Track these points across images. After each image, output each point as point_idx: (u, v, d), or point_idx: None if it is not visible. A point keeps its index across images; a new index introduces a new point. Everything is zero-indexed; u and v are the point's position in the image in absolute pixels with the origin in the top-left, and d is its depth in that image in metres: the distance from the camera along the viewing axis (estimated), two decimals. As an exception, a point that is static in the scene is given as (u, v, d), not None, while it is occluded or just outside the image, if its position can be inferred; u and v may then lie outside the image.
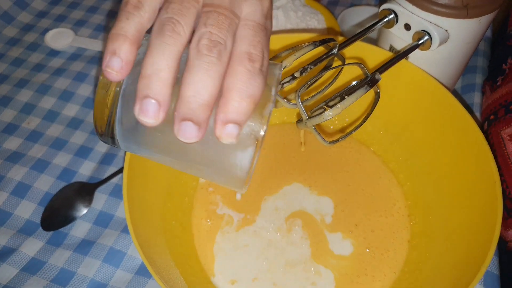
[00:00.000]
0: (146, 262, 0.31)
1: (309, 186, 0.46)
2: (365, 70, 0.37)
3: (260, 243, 0.42)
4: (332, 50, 0.38)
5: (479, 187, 0.37)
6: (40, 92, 0.57)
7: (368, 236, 0.43)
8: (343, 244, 0.42)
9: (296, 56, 0.35)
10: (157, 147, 0.27)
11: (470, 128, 0.39)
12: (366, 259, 0.41)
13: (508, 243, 0.47)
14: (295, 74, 0.36)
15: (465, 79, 0.55)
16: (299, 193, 0.46)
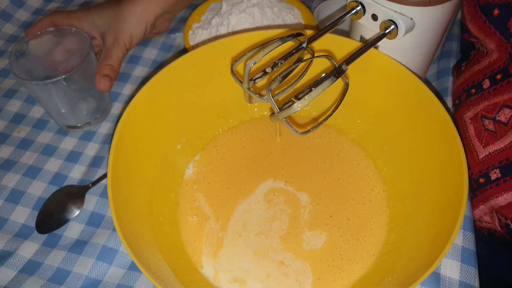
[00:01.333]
0: (132, 255, 0.33)
1: (284, 181, 0.48)
2: (332, 61, 0.38)
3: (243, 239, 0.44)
4: (301, 44, 0.40)
5: (448, 167, 0.39)
6: (29, 102, 0.58)
7: (343, 225, 0.44)
8: (317, 238, 0.44)
9: (265, 52, 0.37)
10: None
11: (438, 112, 0.40)
12: (340, 245, 0.43)
13: (475, 221, 0.49)
14: (267, 69, 0.38)
15: (441, 64, 0.57)
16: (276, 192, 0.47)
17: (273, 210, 0.45)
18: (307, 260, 0.42)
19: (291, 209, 0.45)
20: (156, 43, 0.63)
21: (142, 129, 0.43)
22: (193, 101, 0.49)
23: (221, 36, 0.56)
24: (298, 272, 0.41)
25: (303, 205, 0.46)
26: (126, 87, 0.59)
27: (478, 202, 0.47)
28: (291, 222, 0.44)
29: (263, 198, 0.46)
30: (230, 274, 0.42)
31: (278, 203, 0.46)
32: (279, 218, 0.45)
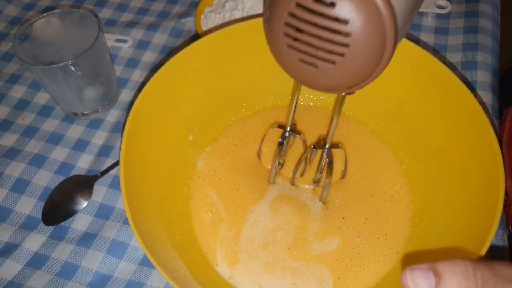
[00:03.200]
0: (148, 254, 0.31)
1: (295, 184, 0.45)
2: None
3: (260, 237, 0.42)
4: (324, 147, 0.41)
5: (479, 160, 0.37)
6: (34, 88, 0.56)
7: (359, 225, 0.42)
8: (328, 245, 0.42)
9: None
10: None
11: (467, 102, 0.38)
12: (357, 245, 0.41)
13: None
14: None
15: (465, 56, 0.54)
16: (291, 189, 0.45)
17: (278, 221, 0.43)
18: (321, 262, 0.40)
19: (297, 220, 0.43)
20: (166, 28, 0.60)
21: (154, 119, 0.41)
22: (206, 89, 0.46)
23: (236, 21, 0.53)
24: (316, 275, 0.40)
25: (313, 216, 0.43)
26: (135, 73, 0.57)
27: None
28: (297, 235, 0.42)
29: (269, 207, 0.44)
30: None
31: (285, 213, 0.43)
32: (285, 228, 0.43)
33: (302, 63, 0.28)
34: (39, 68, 0.45)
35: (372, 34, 0.26)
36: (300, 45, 0.28)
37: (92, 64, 0.49)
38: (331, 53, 0.27)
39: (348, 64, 0.27)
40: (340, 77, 0.28)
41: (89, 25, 0.49)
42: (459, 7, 0.59)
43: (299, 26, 0.27)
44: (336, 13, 0.25)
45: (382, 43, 0.26)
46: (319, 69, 0.28)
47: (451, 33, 0.57)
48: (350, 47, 0.26)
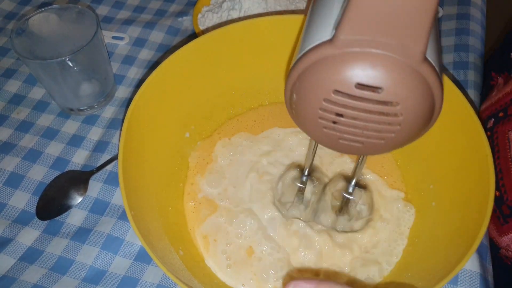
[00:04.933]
0: (147, 247, 0.31)
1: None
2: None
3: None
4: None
5: (470, 160, 0.37)
6: (29, 83, 0.56)
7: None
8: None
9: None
10: None
11: (458, 102, 0.39)
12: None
13: (501, 249, 0.46)
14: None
15: (457, 56, 0.56)
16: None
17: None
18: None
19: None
20: (163, 26, 0.61)
21: (151, 116, 0.41)
22: (203, 88, 0.47)
23: (233, 20, 0.54)
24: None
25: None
26: (131, 70, 0.57)
27: (509, 229, 0.44)
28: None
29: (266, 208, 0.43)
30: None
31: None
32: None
33: (344, 141, 0.26)
34: (37, 62, 0.45)
35: (424, 105, 0.24)
36: (340, 127, 0.25)
37: (89, 60, 0.49)
38: (380, 132, 0.25)
39: (398, 138, 0.25)
40: (388, 147, 0.26)
41: (87, 21, 0.49)
42: (452, 9, 0.60)
43: (339, 111, 0.24)
44: (384, 97, 0.23)
45: (432, 108, 0.24)
46: (364, 144, 0.26)
47: (444, 35, 0.58)
48: (401, 125, 0.24)
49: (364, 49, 0.23)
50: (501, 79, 0.50)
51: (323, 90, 0.24)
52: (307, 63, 0.24)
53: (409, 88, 0.23)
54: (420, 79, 0.23)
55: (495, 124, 0.45)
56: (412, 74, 0.23)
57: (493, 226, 0.45)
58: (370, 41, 0.22)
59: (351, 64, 0.23)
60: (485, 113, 0.48)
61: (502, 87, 0.48)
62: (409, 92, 0.23)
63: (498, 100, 0.47)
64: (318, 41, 0.25)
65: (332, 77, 0.23)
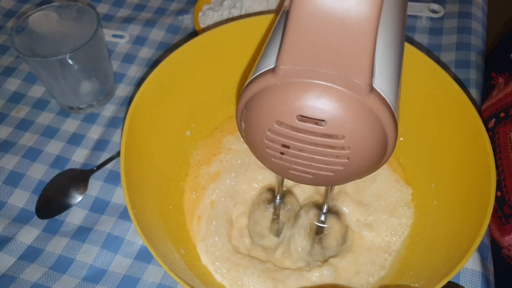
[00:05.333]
0: (149, 247, 0.31)
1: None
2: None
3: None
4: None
5: (472, 158, 0.37)
6: (29, 81, 0.56)
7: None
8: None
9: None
10: None
11: (460, 101, 0.38)
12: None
13: (503, 249, 0.46)
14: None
15: (459, 55, 0.55)
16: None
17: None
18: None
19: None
20: (163, 25, 0.61)
21: (152, 115, 0.41)
22: (204, 86, 0.46)
23: (234, 18, 0.54)
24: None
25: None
26: (132, 68, 0.57)
27: (511, 229, 0.44)
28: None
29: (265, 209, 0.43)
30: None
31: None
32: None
33: (294, 171, 0.25)
34: (37, 60, 0.45)
35: (373, 138, 0.23)
36: (288, 158, 0.24)
37: (89, 58, 0.49)
38: (328, 165, 0.24)
39: (349, 170, 0.24)
40: (341, 179, 0.25)
41: (87, 19, 0.49)
42: (453, 7, 0.60)
43: (284, 142, 0.23)
44: (328, 130, 0.22)
45: (384, 141, 0.23)
46: (315, 176, 0.25)
47: (445, 33, 0.58)
48: (350, 158, 0.23)
49: (304, 79, 0.21)
50: (501, 79, 0.50)
51: (266, 120, 0.23)
52: (252, 92, 0.24)
53: (354, 121, 0.22)
54: (365, 111, 0.22)
55: (496, 124, 0.45)
56: (357, 106, 0.21)
57: (495, 226, 0.45)
58: (311, 71, 0.21)
59: (291, 95, 0.22)
60: (486, 113, 0.48)
61: (503, 88, 0.48)
62: (354, 125, 0.22)
63: (499, 100, 0.47)
64: (263, 69, 0.23)
65: (274, 107, 0.22)
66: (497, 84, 0.50)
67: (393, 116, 0.22)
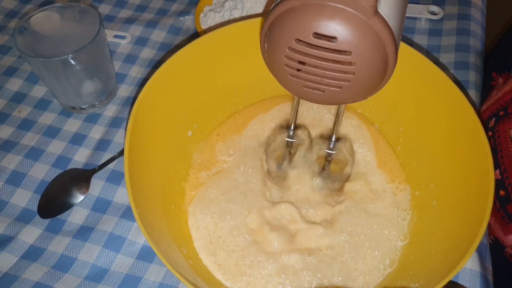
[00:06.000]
0: (152, 245, 0.31)
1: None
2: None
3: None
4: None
5: (471, 158, 0.38)
6: (31, 81, 0.56)
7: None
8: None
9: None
10: None
11: (459, 102, 0.39)
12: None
13: (506, 248, 0.46)
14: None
15: (458, 56, 0.56)
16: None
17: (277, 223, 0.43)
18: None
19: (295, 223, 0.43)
20: (164, 26, 0.61)
21: (155, 115, 0.41)
22: (206, 86, 0.47)
23: (235, 20, 0.54)
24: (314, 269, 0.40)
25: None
26: (133, 69, 0.57)
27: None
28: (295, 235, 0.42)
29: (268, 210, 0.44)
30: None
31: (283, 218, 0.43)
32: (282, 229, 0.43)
33: (307, 88, 0.29)
34: (40, 60, 0.45)
35: (375, 56, 0.26)
36: (303, 75, 0.28)
37: (92, 59, 0.49)
38: (337, 80, 0.27)
39: (354, 87, 0.28)
40: (347, 96, 0.29)
41: (89, 19, 0.49)
42: (453, 9, 0.61)
43: (301, 59, 0.27)
44: (338, 46, 0.26)
45: (385, 60, 0.27)
46: (325, 92, 0.28)
47: (444, 35, 0.58)
48: (355, 73, 0.27)
49: (321, 1, 0.25)
50: (501, 79, 0.50)
51: (286, 38, 0.27)
52: (276, 14, 0.27)
53: (360, 38, 0.25)
54: (370, 31, 0.25)
55: (496, 124, 0.45)
56: (363, 26, 0.25)
57: (498, 225, 0.46)
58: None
59: (309, 15, 0.25)
60: (486, 113, 0.49)
61: (502, 87, 0.48)
62: (360, 42, 0.25)
63: (498, 99, 0.47)
64: None
65: (294, 26, 0.26)
66: (496, 84, 0.50)
67: (393, 38, 0.26)
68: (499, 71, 0.52)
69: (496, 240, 0.46)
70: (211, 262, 0.40)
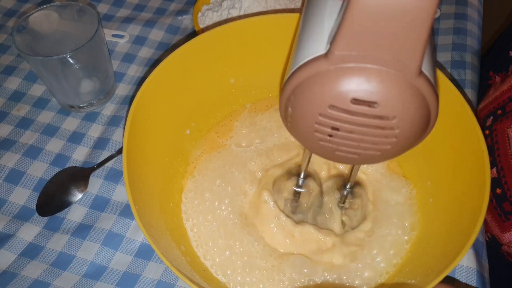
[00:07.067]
0: (151, 242, 0.31)
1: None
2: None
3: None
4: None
5: (467, 157, 0.38)
6: (29, 80, 0.56)
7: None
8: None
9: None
10: None
11: (456, 100, 0.39)
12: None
13: (503, 246, 0.47)
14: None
15: (455, 55, 0.56)
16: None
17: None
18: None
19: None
20: (163, 25, 0.61)
21: (153, 113, 0.42)
22: (204, 85, 0.47)
23: (233, 19, 0.54)
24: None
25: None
26: (131, 68, 0.57)
27: (511, 226, 0.44)
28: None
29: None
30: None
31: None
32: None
33: (340, 152, 0.26)
34: (38, 59, 0.45)
35: (420, 118, 0.24)
36: (337, 140, 0.25)
37: (90, 58, 0.49)
38: (376, 145, 0.25)
39: (395, 149, 0.25)
40: (386, 157, 0.26)
41: (87, 18, 0.49)
42: (449, 8, 0.61)
43: (335, 125, 0.24)
44: (380, 112, 0.23)
45: (428, 119, 0.25)
46: (361, 156, 0.26)
47: (441, 34, 0.59)
48: (398, 137, 0.24)
49: (359, 64, 0.23)
50: (498, 77, 0.50)
51: (318, 105, 0.24)
52: (301, 78, 0.24)
53: (405, 102, 0.23)
54: (415, 93, 0.23)
55: (493, 122, 0.46)
56: (408, 88, 0.23)
57: (495, 223, 0.46)
58: (365, 56, 0.22)
59: (346, 80, 0.23)
60: (483, 112, 0.49)
61: (499, 86, 0.48)
62: (405, 106, 0.23)
63: (495, 98, 0.47)
64: (312, 56, 0.24)
65: (328, 92, 0.23)
66: (494, 83, 0.51)
67: (437, 96, 0.24)
68: (496, 70, 0.52)
69: (493, 237, 0.47)
70: (208, 260, 0.40)
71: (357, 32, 0.22)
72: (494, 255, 0.45)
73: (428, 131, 0.26)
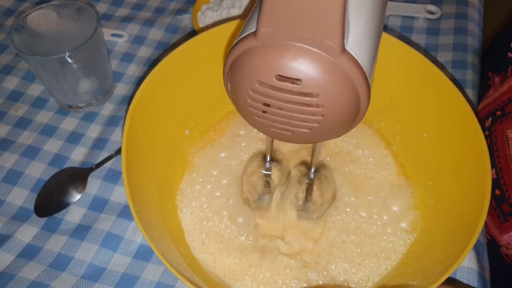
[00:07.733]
0: (151, 243, 0.31)
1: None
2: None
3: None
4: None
5: (468, 156, 0.38)
6: (27, 79, 0.56)
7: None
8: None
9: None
10: None
11: (456, 100, 0.39)
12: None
13: (502, 247, 0.46)
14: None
15: (456, 55, 0.56)
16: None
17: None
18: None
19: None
20: (162, 24, 0.61)
21: (152, 113, 0.41)
22: (203, 85, 0.47)
23: (233, 18, 0.54)
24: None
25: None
26: (130, 67, 0.57)
27: (510, 227, 0.44)
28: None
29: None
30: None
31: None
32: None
33: (275, 129, 0.27)
34: (36, 58, 0.45)
35: (346, 97, 0.24)
36: (269, 116, 0.26)
37: (89, 57, 0.49)
38: (305, 122, 0.25)
39: (325, 128, 0.26)
40: (318, 137, 0.27)
41: (86, 18, 0.49)
42: (450, 8, 0.61)
43: (265, 101, 0.25)
44: (303, 89, 0.24)
45: (357, 100, 0.25)
46: (294, 133, 0.27)
47: (442, 34, 0.58)
48: (324, 115, 0.25)
49: (283, 41, 0.23)
50: (497, 78, 0.50)
51: (249, 80, 0.25)
52: (236, 54, 0.25)
53: (327, 80, 0.23)
54: (338, 71, 0.24)
55: (493, 123, 0.45)
56: (330, 66, 0.23)
57: (494, 224, 0.46)
58: (288, 34, 0.23)
59: (271, 56, 0.24)
60: (482, 112, 0.49)
61: (498, 86, 0.48)
62: (327, 84, 0.23)
63: (495, 99, 0.47)
64: (246, 33, 0.25)
65: (256, 68, 0.24)
66: (493, 84, 0.50)
67: (364, 77, 0.24)
68: (495, 70, 0.52)
69: (492, 239, 0.47)
70: (208, 261, 0.40)
71: (278, 9, 0.23)
72: (493, 256, 0.45)
73: (361, 114, 0.26)
